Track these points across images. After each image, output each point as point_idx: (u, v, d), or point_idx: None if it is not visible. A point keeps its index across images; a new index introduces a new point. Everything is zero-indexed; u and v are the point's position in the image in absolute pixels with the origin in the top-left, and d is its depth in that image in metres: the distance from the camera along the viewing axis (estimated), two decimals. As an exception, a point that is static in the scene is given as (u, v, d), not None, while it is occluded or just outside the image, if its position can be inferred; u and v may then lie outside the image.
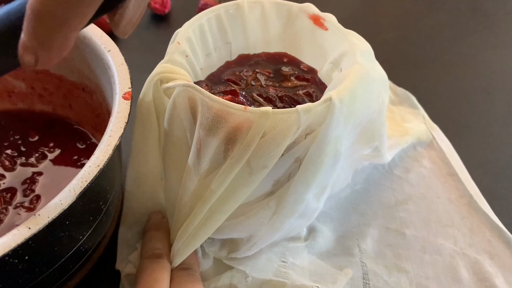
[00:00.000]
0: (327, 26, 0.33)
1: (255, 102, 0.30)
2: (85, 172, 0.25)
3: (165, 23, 0.62)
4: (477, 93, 0.53)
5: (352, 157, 0.35)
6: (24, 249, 0.23)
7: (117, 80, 0.31)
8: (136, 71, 0.33)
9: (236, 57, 0.35)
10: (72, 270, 0.30)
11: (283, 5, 0.35)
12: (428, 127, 0.47)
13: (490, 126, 0.49)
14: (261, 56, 0.35)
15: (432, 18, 0.65)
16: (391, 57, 0.57)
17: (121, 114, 0.28)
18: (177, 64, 0.30)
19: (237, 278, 0.34)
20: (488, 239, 0.38)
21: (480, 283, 0.35)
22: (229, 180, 0.27)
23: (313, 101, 0.27)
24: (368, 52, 0.31)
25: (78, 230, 0.28)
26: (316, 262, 0.36)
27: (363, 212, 0.40)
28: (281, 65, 0.34)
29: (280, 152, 0.26)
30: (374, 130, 0.33)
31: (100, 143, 0.27)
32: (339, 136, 0.27)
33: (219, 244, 0.36)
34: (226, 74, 0.33)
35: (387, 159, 0.39)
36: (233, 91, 0.30)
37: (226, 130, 0.26)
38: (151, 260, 0.31)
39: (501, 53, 0.59)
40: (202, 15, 0.33)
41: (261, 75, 0.33)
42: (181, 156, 0.30)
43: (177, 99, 0.27)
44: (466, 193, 0.41)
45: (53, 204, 0.23)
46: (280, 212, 0.30)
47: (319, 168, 0.27)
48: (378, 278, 0.35)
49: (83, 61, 0.36)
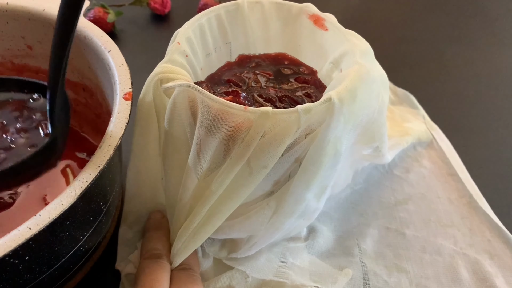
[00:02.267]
0: (327, 27, 0.33)
1: (256, 102, 0.30)
2: (85, 173, 0.25)
3: (165, 23, 0.62)
4: (477, 93, 0.53)
5: (353, 157, 0.35)
6: (24, 249, 0.23)
7: (117, 81, 0.31)
8: (136, 71, 0.33)
9: (236, 58, 0.35)
10: (72, 270, 0.30)
11: (283, 5, 0.35)
12: (428, 127, 0.47)
13: (490, 126, 0.49)
14: (262, 58, 0.35)
15: (432, 18, 0.65)
16: (391, 57, 0.57)
17: (122, 114, 0.28)
18: (177, 64, 0.30)
19: (237, 279, 0.34)
20: (488, 239, 0.38)
21: (480, 283, 0.35)
22: (229, 180, 0.27)
23: (313, 102, 0.27)
24: (368, 51, 0.31)
25: (78, 230, 0.28)
26: (316, 262, 0.36)
27: (363, 212, 0.40)
28: (281, 66, 0.34)
29: (280, 152, 0.26)
30: (375, 131, 0.33)
31: (100, 144, 0.27)
32: (339, 136, 0.27)
33: (219, 244, 0.36)
34: (227, 75, 0.33)
35: (387, 160, 0.39)
36: (234, 91, 0.30)
37: (226, 130, 0.26)
38: (151, 261, 0.31)
39: (501, 53, 0.59)
40: (202, 15, 0.33)
41: (261, 77, 0.33)
42: (181, 156, 0.30)
43: (177, 99, 0.27)
44: (466, 193, 0.41)
45: (54, 204, 0.23)
46: (280, 212, 0.30)
47: (319, 168, 0.27)
48: (378, 278, 0.35)
49: (83, 61, 0.36)
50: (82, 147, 0.40)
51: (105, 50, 0.33)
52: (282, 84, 0.32)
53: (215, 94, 0.27)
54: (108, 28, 0.56)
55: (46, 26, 0.36)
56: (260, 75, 0.33)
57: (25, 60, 0.38)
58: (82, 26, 0.34)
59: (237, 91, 0.30)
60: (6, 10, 0.35)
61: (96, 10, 0.56)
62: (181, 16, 0.63)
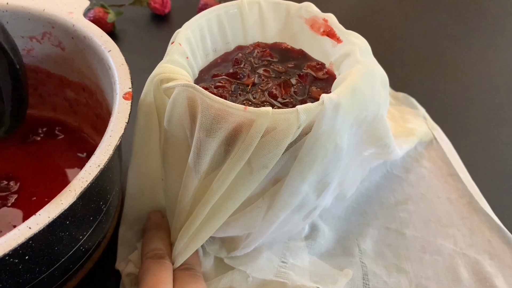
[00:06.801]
0: (323, 31, 0.33)
1: (256, 74, 0.31)
2: (85, 172, 0.25)
3: (165, 23, 0.62)
4: (477, 93, 0.53)
5: (361, 156, 0.35)
6: (24, 248, 0.23)
7: (117, 80, 0.31)
8: (136, 71, 0.33)
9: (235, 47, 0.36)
10: (72, 270, 0.30)
11: (280, 5, 0.35)
12: (429, 126, 0.47)
13: (490, 126, 0.49)
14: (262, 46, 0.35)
15: (432, 18, 0.65)
16: (391, 57, 0.57)
17: (122, 114, 0.28)
18: (177, 64, 0.30)
19: (238, 280, 0.34)
20: (488, 239, 0.38)
21: (480, 283, 0.35)
22: (230, 180, 0.27)
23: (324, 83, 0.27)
24: (366, 49, 0.31)
25: (78, 230, 0.28)
26: (316, 262, 0.36)
27: (363, 212, 0.40)
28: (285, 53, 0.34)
29: (281, 152, 0.26)
30: (379, 127, 0.32)
31: (100, 143, 0.27)
32: (338, 130, 0.27)
33: (219, 243, 0.36)
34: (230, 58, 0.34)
35: (398, 154, 0.38)
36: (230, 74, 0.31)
37: (226, 130, 0.26)
38: (154, 261, 0.31)
39: (501, 53, 0.59)
40: (202, 15, 0.33)
41: (263, 55, 0.33)
42: (181, 156, 0.30)
43: (177, 99, 0.27)
44: (466, 193, 0.41)
45: (54, 204, 0.23)
46: (275, 205, 0.30)
47: (314, 160, 0.27)
48: (378, 279, 0.35)
49: (83, 61, 0.36)
50: (82, 147, 0.40)
51: (105, 50, 0.33)
52: (285, 63, 0.33)
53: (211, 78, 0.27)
54: (108, 28, 0.56)
55: (46, 26, 0.36)
56: (262, 53, 0.33)
57: (25, 60, 0.38)
58: (82, 26, 0.34)
59: (236, 71, 0.31)
60: (6, 10, 0.35)
61: (96, 10, 0.56)
62: (181, 16, 0.63)
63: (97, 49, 0.33)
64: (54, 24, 0.35)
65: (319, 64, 0.33)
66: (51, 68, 0.39)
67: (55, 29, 0.35)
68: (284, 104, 0.30)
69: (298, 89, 0.31)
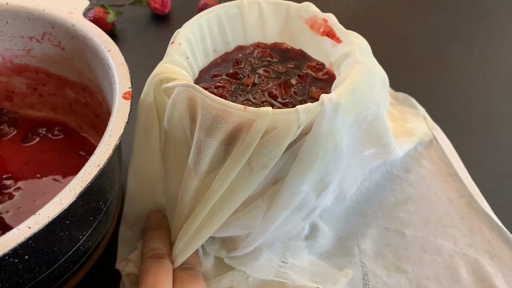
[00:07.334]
0: (322, 31, 0.33)
1: (255, 73, 0.30)
2: (85, 172, 0.25)
3: (165, 23, 0.62)
4: (477, 93, 0.53)
5: (361, 156, 0.35)
6: (24, 248, 0.23)
7: (117, 80, 0.31)
8: (136, 71, 0.33)
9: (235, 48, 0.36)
10: (72, 270, 0.30)
11: (280, 5, 0.35)
12: (429, 126, 0.47)
13: (490, 126, 0.49)
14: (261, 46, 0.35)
15: (432, 18, 0.65)
16: (391, 57, 0.57)
17: (121, 113, 0.28)
18: (177, 64, 0.30)
19: (238, 280, 0.34)
20: (488, 239, 0.38)
21: (480, 283, 0.35)
22: (230, 180, 0.27)
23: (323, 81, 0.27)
24: (366, 49, 0.31)
25: (78, 230, 0.28)
26: (317, 262, 0.36)
27: (363, 212, 0.40)
28: (284, 53, 0.34)
29: (281, 152, 0.26)
30: (379, 127, 0.32)
31: (100, 143, 0.27)
32: (338, 130, 0.27)
33: (219, 243, 0.36)
34: (230, 59, 0.33)
35: (398, 154, 0.39)
36: (230, 73, 0.30)
37: (226, 130, 0.26)
38: (154, 261, 0.31)
39: (501, 53, 0.59)
40: (202, 15, 0.33)
41: (263, 55, 0.33)
42: (181, 156, 0.30)
43: (177, 99, 0.27)
44: (466, 193, 0.41)
45: (53, 204, 0.23)
46: (275, 205, 0.30)
47: (314, 160, 0.27)
48: (378, 279, 0.35)
49: (83, 61, 0.36)
50: (82, 147, 0.40)
51: (104, 50, 0.33)
52: (285, 63, 0.33)
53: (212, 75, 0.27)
54: (108, 28, 0.56)
55: (46, 26, 0.36)
56: (264, 54, 0.33)
57: (25, 60, 0.39)
58: (82, 26, 0.34)
59: (236, 71, 0.31)
60: (6, 10, 0.35)
61: (96, 10, 0.56)
62: (181, 16, 0.63)
63: (97, 49, 0.33)
64: (54, 24, 0.35)
65: (319, 64, 0.33)
66: (51, 68, 0.39)
67: (55, 29, 0.36)
68: (284, 104, 0.30)
69: (298, 89, 0.31)
